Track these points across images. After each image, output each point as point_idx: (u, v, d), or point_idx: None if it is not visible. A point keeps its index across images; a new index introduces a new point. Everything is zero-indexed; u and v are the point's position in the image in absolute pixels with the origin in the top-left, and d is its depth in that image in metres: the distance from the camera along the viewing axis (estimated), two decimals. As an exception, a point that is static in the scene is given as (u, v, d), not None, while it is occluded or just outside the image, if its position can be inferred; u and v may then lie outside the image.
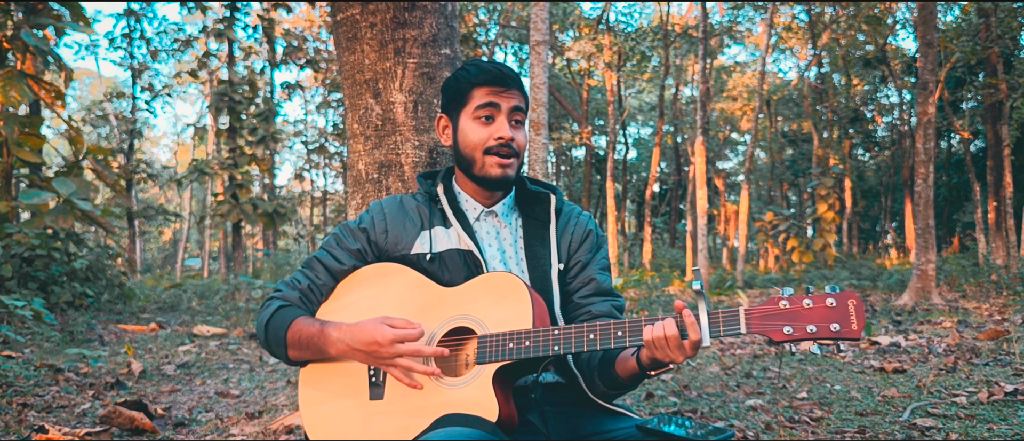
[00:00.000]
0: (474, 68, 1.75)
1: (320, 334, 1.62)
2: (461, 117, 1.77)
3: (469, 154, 1.75)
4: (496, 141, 1.72)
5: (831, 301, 1.37)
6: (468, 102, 1.75)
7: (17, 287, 8.02)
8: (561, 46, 25.95)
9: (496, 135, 1.72)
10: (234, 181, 19.45)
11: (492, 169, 1.73)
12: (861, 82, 27.34)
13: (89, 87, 41.71)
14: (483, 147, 1.73)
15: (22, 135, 8.89)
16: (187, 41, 24.69)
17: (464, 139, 1.75)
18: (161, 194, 46.45)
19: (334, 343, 1.60)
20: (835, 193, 20.45)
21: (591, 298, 1.79)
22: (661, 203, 37.05)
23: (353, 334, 1.57)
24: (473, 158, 1.74)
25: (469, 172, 1.77)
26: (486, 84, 1.73)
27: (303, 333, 1.64)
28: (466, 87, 1.75)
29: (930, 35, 10.00)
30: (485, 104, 1.72)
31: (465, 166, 1.78)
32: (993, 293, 10.23)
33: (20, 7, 9.26)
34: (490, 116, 1.73)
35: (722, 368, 4.97)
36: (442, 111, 1.84)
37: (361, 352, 1.56)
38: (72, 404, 3.95)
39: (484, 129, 1.73)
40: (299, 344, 1.65)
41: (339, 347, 1.59)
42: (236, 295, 11.51)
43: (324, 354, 1.64)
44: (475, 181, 1.78)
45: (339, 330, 1.60)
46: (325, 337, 1.61)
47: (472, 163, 1.75)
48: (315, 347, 1.64)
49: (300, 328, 1.65)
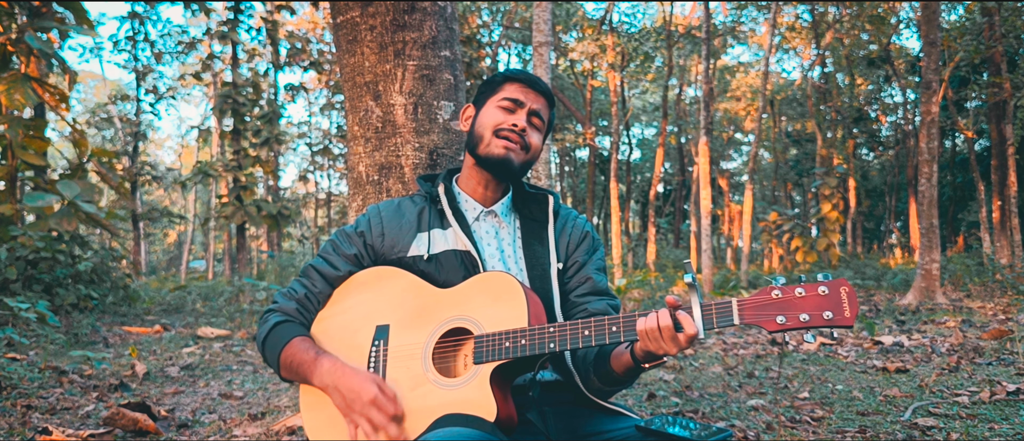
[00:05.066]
0: (514, 69, 1.85)
1: (313, 363, 1.62)
2: (486, 104, 1.84)
3: (480, 133, 1.81)
4: (510, 127, 1.78)
5: (823, 289, 1.38)
6: (499, 92, 1.83)
7: (22, 289, 8.05)
8: (564, 47, 25.96)
9: (511, 122, 1.78)
10: (238, 183, 19.49)
11: (496, 148, 1.78)
12: (865, 82, 27.29)
13: (93, 90, 41.87)
14: (495, 128, 1.79)
15: (26, 138, 8.92)
16: (191, 43, 24.76)
17: (481, 121, 1.82)
18: (165, 196, 46.57)
19: (320, 376, 1.60)
20: (839, 193, 20.43)
21: (587, 297, 1.81)
22: (665, 203, 37.03)
23: (342, 377, 1.57)
24: (482, 136, 1.80)
25: (474, 151, 1.81)
26: (519, 82, 1.83)
27: (295, 359, 1.65)
28: (500, 80, 1.85)
29: (934, 34, 9.98)
30: (512, 98, 1.80)
31: (472, 146, 1.83)
32: (997, 292, 10.20)
33: (24, 10, 9.29)
34: (512, 109, 1.80)
35: (725, 368, 4.97)
36: (471, 102, 1.91)
37: (340, 395, 1.56)
38: (76, 406, 3.97)
39: (502, 115, 1.80)
40: (290, 367, 1.67)
41: (324, 380, 1.60)
42: (240, 297, 11.53)
43: (309, 382, 1.64)
44: (478, 162, 1.81)
45: (333, 367, 1.60)
46: (316, 367, 1.62)
47: (479, 141, 1.80)
48: (303, 376, 1.65)
49: (292, 353, 1.66)
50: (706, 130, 15.86)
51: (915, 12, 20.91)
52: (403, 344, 1.64)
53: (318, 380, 1.61)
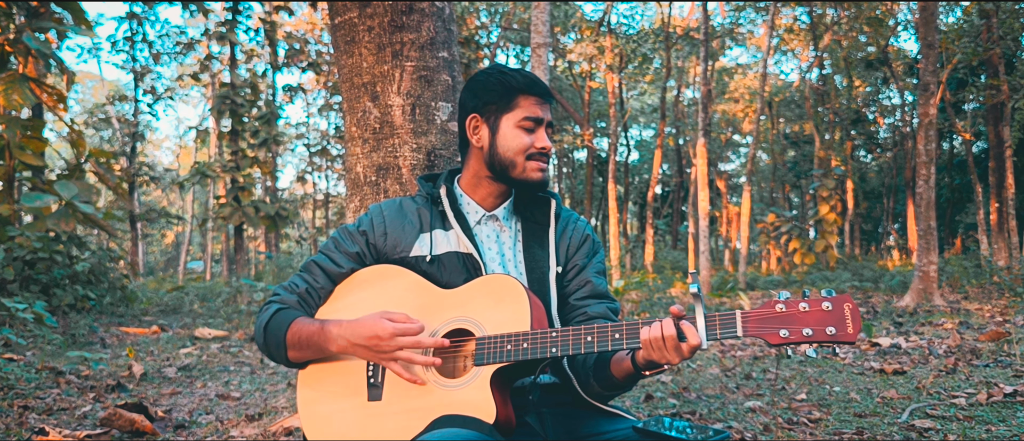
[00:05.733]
0: (520, 77, 1.78)
1: (320, 332, 1.63)
2: (503, 121, 1.78)
3: (510, 158, 1.76)
4: (538, 149, 1.76)
5: (827, 305, 1.39)
6: (514, 109, 1.77)
7: (19, 290, 8.04)
8: (563, 48, 25.97)
9: (539, 145, 1.76)
10: (236, 184, 19.48)
11: (533, 173, 1.77)
12: (863, 84, 27.34)
13: (91, 90, 41.81)
14: (525, 152, 1.76)
15: (24, 138, 8.92)
16: (189, 44, 24.75)
17: (505, 143, 1.77)
18: (163, 197, 46.53)
19: (334, 339, 1.61)
20: (837, 195, 20.47)
21: (587, 300, 1.80)
22: (663, 205, 37.05)
23: (354, 329, 1.58)
24: (514, 162, 1.76)
25: (504, 175, 1.78)
26: (534, 95, 1.78)
27: (302, 332, 1.65)
28: (514, 93, 1.78)
29: (931, 36, 10.00)
30: (533, 117, 1.77)
31: (499, 168, 1.78)
32: (995, 294, 10.22)
33: (22, 10, 9.29)
34: (532, 127, 1.77)
35: (722, 370, 4.98)
36: (474, 112, 1.82)
37: (362, 347, 1.58)
38: (73, 406, 3.96)
39: (528, 137, 1.76)
40: (299, 344, 1.66)
41: (340, 343, 1.60)
42: (238, 298, 11.52)
43: (324, 351, 1.65)
44: (508, 183, 1.80)
45: (339, 326, 1.61)
46: (325, 334, 1.62)
47: (511, 166, 1.77)
48: (315, 345, 1.65)
49: (299, 328, 1.66)
50: (704, 132, 15.88)
51: (913, 14, 20.94)
52: (403, 344, 1.64)
53: (335, 345, 1.61)
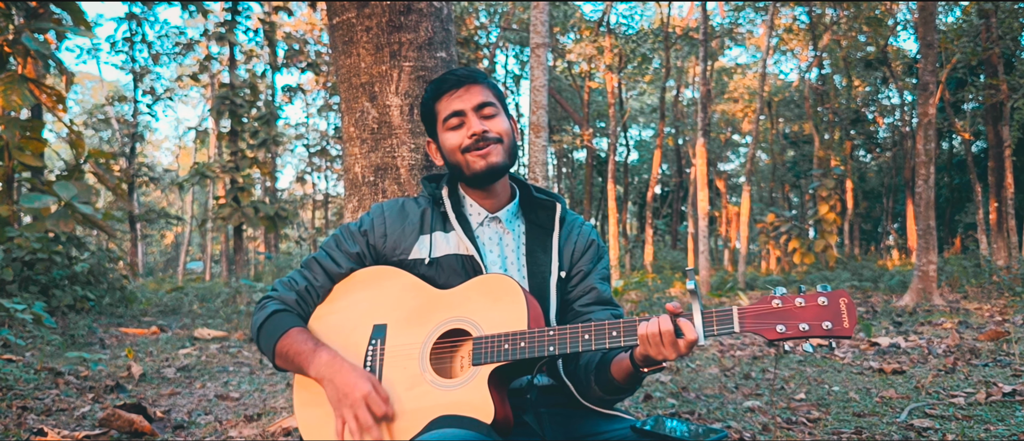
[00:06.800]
0: (430, 87, 1.83)
1: (312, 353, 1.62)
2: (438, 133, 1.83)
3: (454, 161, 1.79)
4: (470, 139, 1.75)
5: (823, 300, 1.40)
6: (438, 116, 1.82)
7: (18, 290, 8.04)
8: (562, 48, 25.97)
9: (469, 134, 1.75)
10: (235, 184, 19.48)
11: (476, 164, 1.76)
12: (862, 83, 27.34)
13: (90, 91, 41.78)
14: (460, 148, 1.77)
15: (23, 139, 8.91)
16: (188, 45, 24.75)
17: (446, 151, 1.80)
18: (163, 197, 46.51)
19: (317, 366, 1.60)
20: (836, 194, 20.46)
21: (591, 306, 1.79)
22: (662, 205, 37.04)
23: (340, 370, 1.57)
24: (458, 163, 1.78)
25: (464, 177, 1.80)
26: (444, 93, 1.80)
27: (292, 349, 1.65)
28: (430, 105, 1.83)
29: (931, 36, 10.00)
30: (451, 113, 1.78)
31: (458, 173, 1.81)
32: (994, 294, 10.22)
33: (21, 11, 9.28)
34: (460, 123, 1.78)
35: (721, 369, 4.97)
36: (428, 138, 1.89)
37: (333, 388, 1.56)
38: (72, 407, 3.96)
39: (457, 134, 1.78)
40: (286, 356, 1.66)
41: (320, 372, 1.59)
42: (237, 298, 11.51)
43: (304, 373, 1.64)
44: (470, 182, 1.80)
45: (331, 360, 1.60)
46: (314, 358, 1.61)
47: (460, 167, 1.79)
48: (298, 367, 1.65)
49: (290, 343, 1.65)
50: (703, 132, 15.88)
51: (912, 14, 20.96)
52: (400, 344, 1.63)
53: (314, 371, 1.60)
